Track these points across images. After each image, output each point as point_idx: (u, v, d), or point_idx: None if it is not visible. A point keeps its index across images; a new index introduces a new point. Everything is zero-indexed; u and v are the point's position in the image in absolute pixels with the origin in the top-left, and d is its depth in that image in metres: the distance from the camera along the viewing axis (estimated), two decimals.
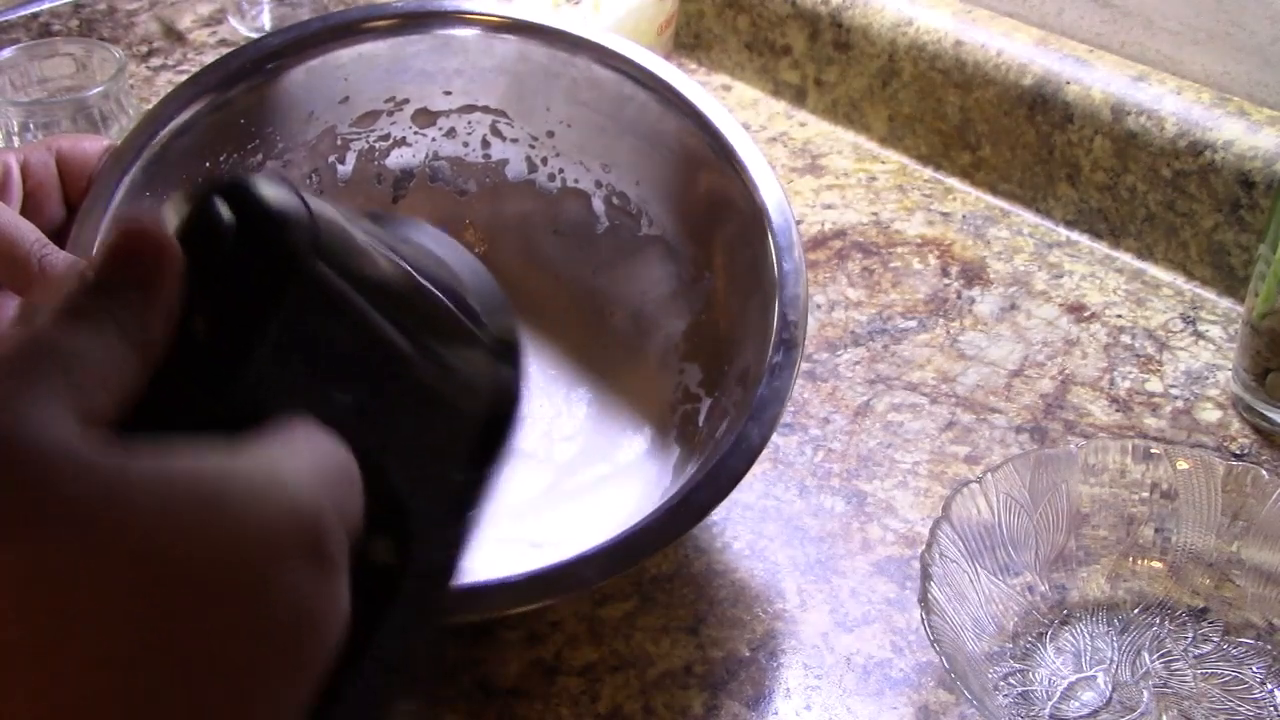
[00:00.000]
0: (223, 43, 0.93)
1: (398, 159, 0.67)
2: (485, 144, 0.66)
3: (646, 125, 0.62)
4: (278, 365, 0.28)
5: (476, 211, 0.67)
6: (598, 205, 0.65)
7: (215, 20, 0.96)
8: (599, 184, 0.65)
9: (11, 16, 0.94)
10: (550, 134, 0.65)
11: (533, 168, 0.66)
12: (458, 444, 0.34)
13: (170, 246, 0.26)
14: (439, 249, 0.37)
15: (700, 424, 0.58)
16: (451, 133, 0.66)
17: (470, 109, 0.66)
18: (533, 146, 0.66)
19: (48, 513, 0.22)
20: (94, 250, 0.57)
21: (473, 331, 0.35)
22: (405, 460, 0.31)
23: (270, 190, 0.28)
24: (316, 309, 0.28)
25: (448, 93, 0.65)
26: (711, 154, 0.60)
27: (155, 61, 0.92)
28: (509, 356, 0.36)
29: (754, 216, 0.57)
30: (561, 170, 0.66)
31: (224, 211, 0.28)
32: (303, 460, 0.26)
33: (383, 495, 0.30)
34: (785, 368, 0.52)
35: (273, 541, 0.24)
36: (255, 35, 0.93)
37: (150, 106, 0.62)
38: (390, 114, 0.65)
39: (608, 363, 0.64)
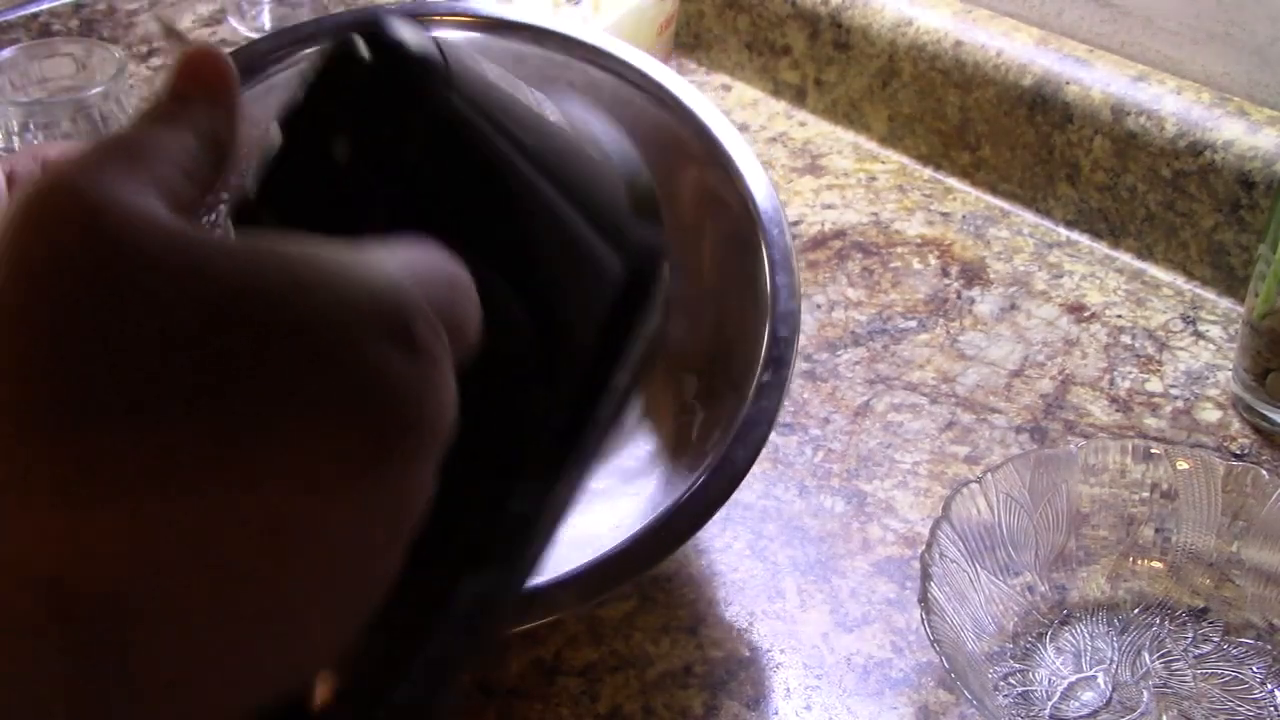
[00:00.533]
0: (223, 43, 0.93)
1: None
2: None
3: (642, 129, 0.62)
4: (404, 199, 0.27)
5: None
6: None
7: (215, 20, 0.96)
8: None
9: (11, 16, 0.94)
10: None
11: None
12: (599, 301, 0.31)
13: (225, 60, 0.28)
14: (580, 112, 0.35)
15: (694, 437, 0.58)
16: None
17: None
18: None
19: (133, 278, 0.22)
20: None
21: (616, 186, 0.33)
22: (540, 309, 0.29)
23: (406, 31, 0.28)
24: (450, 142, 0.28)
25: None
26: (706, 159, 0.59)
27: (155, 61, 0.92)
28: (651, 216, 0.34)
29: (749, 228, 0.56)
30: None
31: (362, 47, 0.28)
32: (399, 255, 0.25)
33: (514, 337, 0.28)
34: (774, 387, 0.51)
35: (355, 317, 0.23)
36: (255, 35, 0.93)
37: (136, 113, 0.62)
38: None
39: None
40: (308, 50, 0.63)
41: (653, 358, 0.33)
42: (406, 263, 0.25)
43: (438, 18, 0.64)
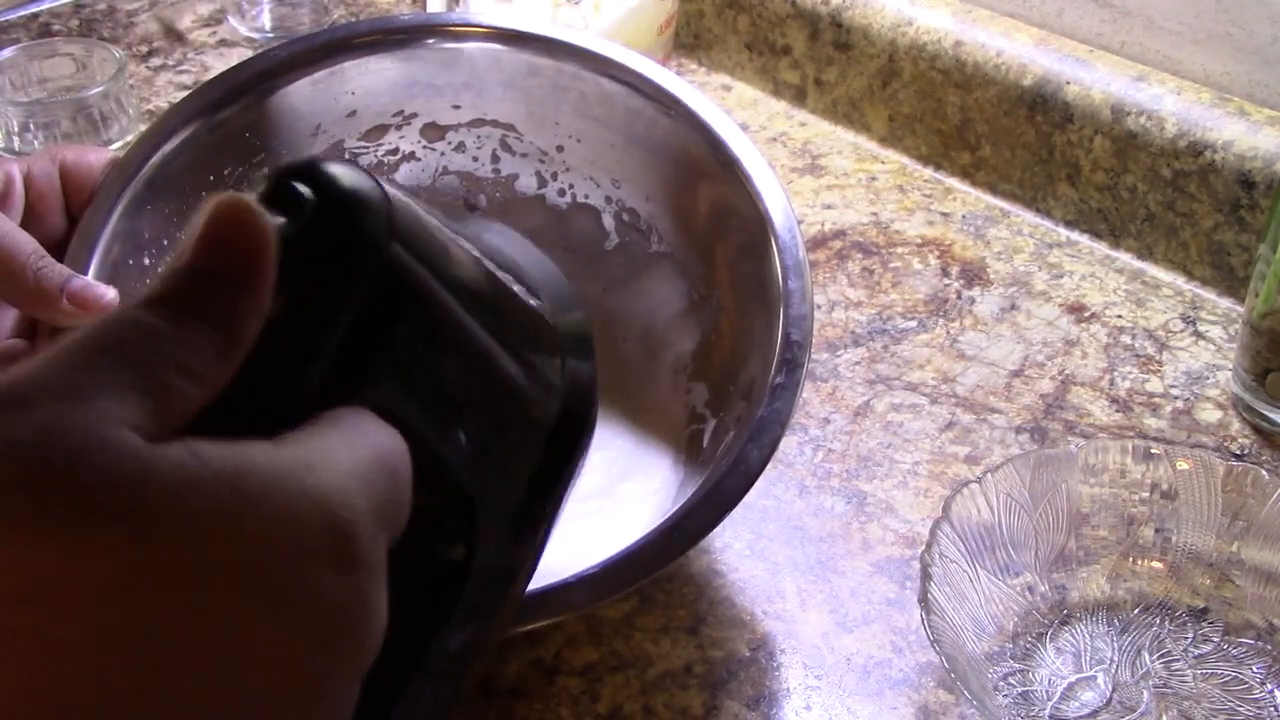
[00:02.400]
0: (223, 43, 0.93)
1: (407, 173, 0.66)
2: (495, 158, 0.66)
3: (655, 140, 0.62)
4: (348, 350, 0.27)
5: None
6: (608, 221, 0.65)
7: (215, 20, 0.96)
8: (609, 200, 0.64)
9: (11, 16, 0.94)
10: (560, 149, 0.64)
11: (542, 183, 0.65)
12: (532, 443, 0.33)
13: (267, 231, 0.26)
14: (509, 246, 0.36)
15: (705, 444, 0.58)
16: (461, 147, 0.65)
17: (480, 123, 0.65)
18: (542, 161, 0.65)
19: (84, 512, 0.22)
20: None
21: (549, 328, 0.34)
22: (477, 456, 0.30)
23: (347, 174, 0.28)
24: (392, 293, 0.28)
25: (456, 106, 0.64)
26: (719, 169, 0.59)
27: (155, 61, 0.92)
28: (583, 354, 0.35)
29: (760, 233, 0.56)
30: (571, 186, 0.65)
31: (303, 190, 0.27)
32: (343, 454, 0.25)
33: (449, 490, 0.29)
34: (787, 389, 0.51)
35: (295, 540, 0.24)
36: (255, 35, 0.93)
37: (154, 119, 0.62)
38: (398, 128, 0.65)
39: (618, 382, 0.62)
40: (313, 63, 0.63)
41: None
42: (353, 459, 0.26)
43: (452, 28, 0.64)
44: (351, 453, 0.26)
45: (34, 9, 0.95)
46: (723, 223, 0.60)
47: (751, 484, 0.49)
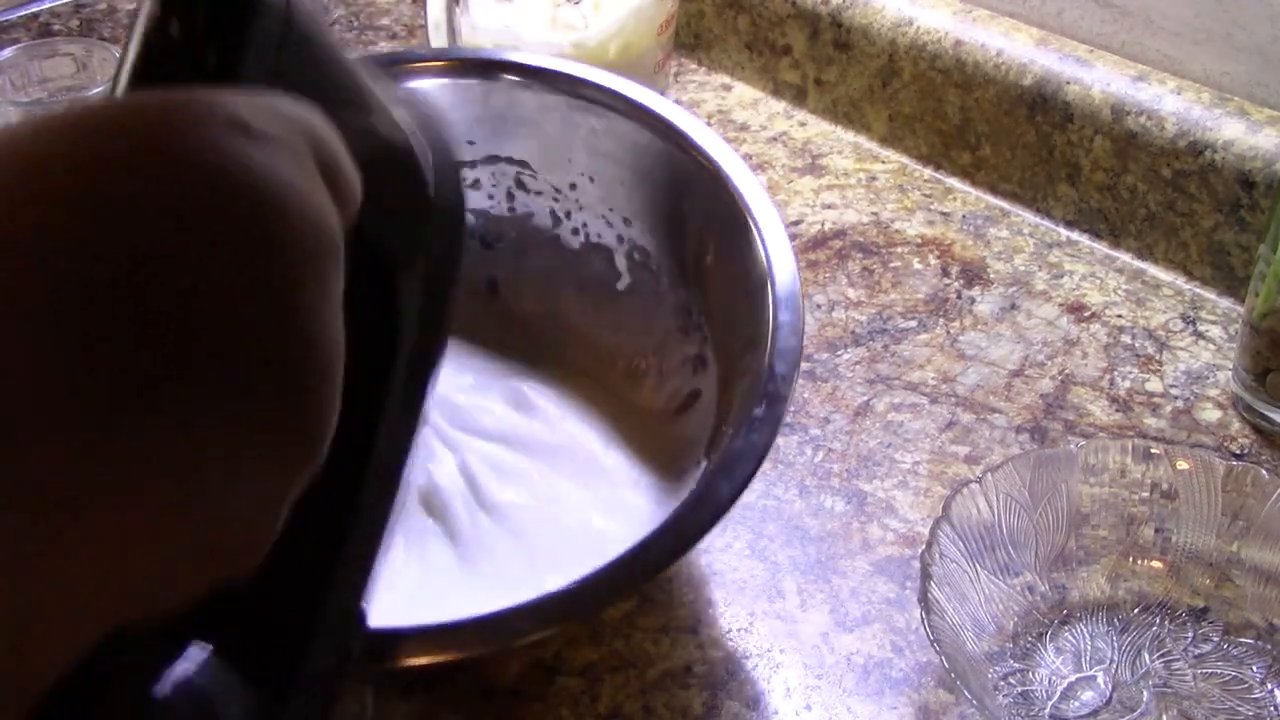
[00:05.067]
0: None
1: None
2: (510, 196, 0.65)
3: (660, 176, 0.61)
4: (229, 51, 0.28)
5: (501, 265, 0.66)
6: (620, 261, 0.64)
7: None
8: (621, 239, 0.63)
9: (11, 16, 0.94)
10: (573, 186, 0.64)
11: (557, 221, 0.65)
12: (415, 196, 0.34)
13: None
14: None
15: (688, 476, 0.56)
16: (476, 184, 0.65)
17: (494, 159, 0.64)
18: (556, 199, 0.64)
19: None
20: None
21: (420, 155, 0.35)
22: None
23: None
24: (297, 41, 0.29)
25: (471, 142, 0.64)
26: (719, 203, 0.58)
27: None
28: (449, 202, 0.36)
29: (756, 267, 0.55)
30: (585, 224, 0.64)
31: None
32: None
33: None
34: (766, 423, 0.49)
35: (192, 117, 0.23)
36: None
37: None
38: None
39: (624, 420, 0.62)
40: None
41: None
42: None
43: (460, 63, 0.64)
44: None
45: (34, 9, 0.95)
46: (721, 253, 0.59)
47: (717, 520, 0.46)
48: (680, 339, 0.61)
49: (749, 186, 0.57)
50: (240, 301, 0.23)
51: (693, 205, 0.60)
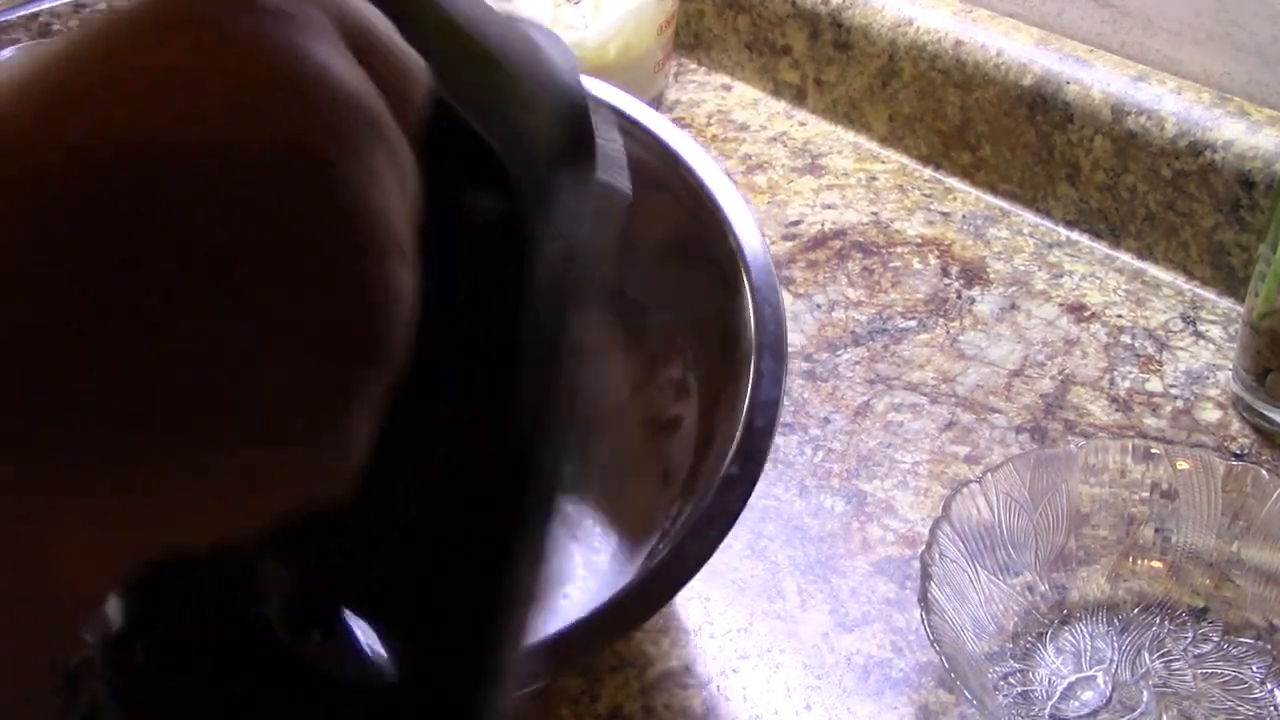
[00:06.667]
0: None
1: None
2: None
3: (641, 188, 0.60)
4: None
5: None
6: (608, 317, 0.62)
7: None
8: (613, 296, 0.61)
9: (11, 16, 0.94)
10: None
11: None
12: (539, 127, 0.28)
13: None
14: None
15: (667, 532, 0.53)
16: None
17: None
18: None
19: None
20: None
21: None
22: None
23: None
24: None
25: None
26: (708, 240, 0.56)
27: None
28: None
29: (739, 313, 0.53)
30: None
31: None
32: None
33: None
34: (742, 482, 0.46)
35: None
36: None
37: None
38: None
39: (615, 473, 0.59)
40: None
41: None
42: None
43: None
44: None
45: (34, 9, 0.95)
46: (705, 293, 0.57)
47: (680, 587, 0.44)
48: (680, 399, 0.58)
49: (739, 218, 0.56)
50: (264, 176, 0.21)
51: (682, 242, 0.58)
